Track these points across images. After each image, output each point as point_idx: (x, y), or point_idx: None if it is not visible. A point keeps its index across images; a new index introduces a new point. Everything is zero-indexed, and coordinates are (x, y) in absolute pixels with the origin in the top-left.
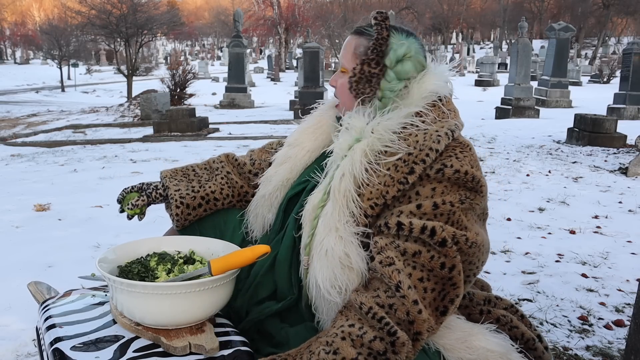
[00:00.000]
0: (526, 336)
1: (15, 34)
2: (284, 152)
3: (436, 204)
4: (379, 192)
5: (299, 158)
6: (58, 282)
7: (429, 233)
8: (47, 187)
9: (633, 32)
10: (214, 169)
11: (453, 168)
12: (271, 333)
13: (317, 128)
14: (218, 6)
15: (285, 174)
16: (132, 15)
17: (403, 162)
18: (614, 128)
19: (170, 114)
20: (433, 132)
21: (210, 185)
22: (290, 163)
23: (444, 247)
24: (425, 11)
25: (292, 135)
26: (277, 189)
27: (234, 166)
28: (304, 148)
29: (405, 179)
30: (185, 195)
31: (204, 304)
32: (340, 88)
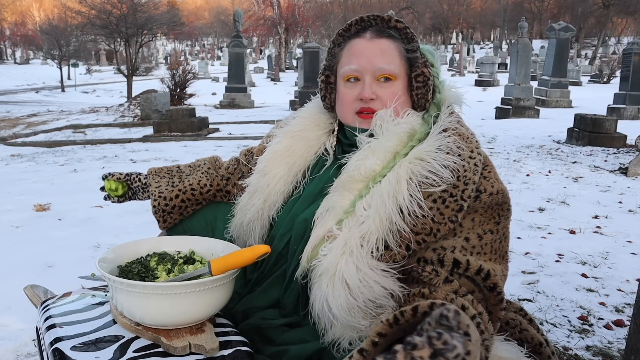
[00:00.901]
0: (535, 340)
1: (15, 34)
2: (255, 180)
3: (480, 236)
4: (429, 228)
5: (272, 186)
6: (58, 282)
7: (484, 276)
8: (47, 187)
9: (633, 32)
10: (196, 166)
11: (487, 192)
12: (271, 337)
13: (290, 152)
14: (218, 6)
15: (258, 205)
16: (132, 15)
17: (451, 197)
18: (614, 128)
19: (170, 114)
20: (468, 159)
21: (189, 179)
22: (263, 193)
23: (492, 292)
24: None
25: (261, 161)
26: (252, 220)
27: (214, 164)
28: (276, 175)
29: (456, 217)
30: (164, 190)
31: (204, 304)
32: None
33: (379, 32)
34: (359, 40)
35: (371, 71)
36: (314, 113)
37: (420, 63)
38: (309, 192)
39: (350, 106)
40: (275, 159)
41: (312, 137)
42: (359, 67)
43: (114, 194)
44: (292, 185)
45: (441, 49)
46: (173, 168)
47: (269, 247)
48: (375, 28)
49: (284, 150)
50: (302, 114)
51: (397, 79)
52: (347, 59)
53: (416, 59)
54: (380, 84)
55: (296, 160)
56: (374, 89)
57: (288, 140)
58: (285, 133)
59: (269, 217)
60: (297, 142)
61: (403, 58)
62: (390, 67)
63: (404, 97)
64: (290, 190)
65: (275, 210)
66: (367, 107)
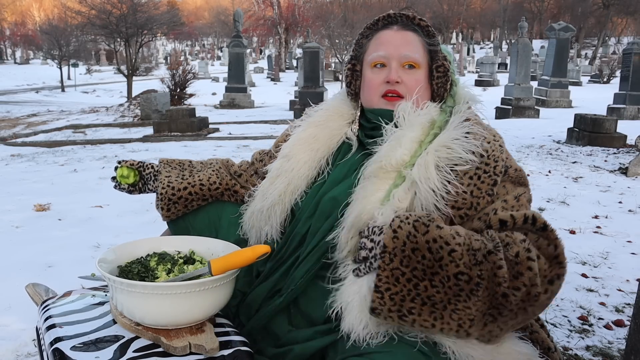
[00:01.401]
0: (545, 343)
1: (15, 34)
2: (278, 164)
3: (516, 197)
4: (470, 202)
5: (296, 170)
6: (58, 282)
7: (531, 221)
8: (47, 187)
9: (633, 32)
10: (207, 164)
11: (513, 168)
12: (277, 334)
13: (315, 140)
14: (218, 6)
15: (281, 188)
16: (132, 15)
17: (485, 173)
18: (614, 128)
19: (170, 114)
20: (493, 141)
21: (200, 175)
22: (287, 177)
23: (545, 230)
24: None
25: (285, 147)
26: (274, 204)
27: (225, 164)
28: (300, 160)
29: (492, 190)
30: (173, 180)
31: (204, 304)
32: (415, 84)
33: (405, 26)
34: (387, 31)
35: (397, 58)
36: (337, 105)
37: (440, 57)
38: (334, 177)
39: (376, 89)
40: (300, 145)
41: (335, 126)
42: (386, 53)
43: (125, 181)
44: (316, 170)
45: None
46: (185, 161)
47: (269, 247)
48: (401, 22)
49: (308, 137)
50: (326, 106)
51: (420, 68)
52: (375, 47)
53: (437, 52)
54: (405, 70)
55: (320, 147)
56: (400, 74)
57: (312, 128)
58: (310, 123)
59: (290, 202)
60: (321, 130)
61: (426, 50)
62: (415, 55)
63: (425, 85)
64: (314, 176)
65: (298, 194)
66: (393, 89)
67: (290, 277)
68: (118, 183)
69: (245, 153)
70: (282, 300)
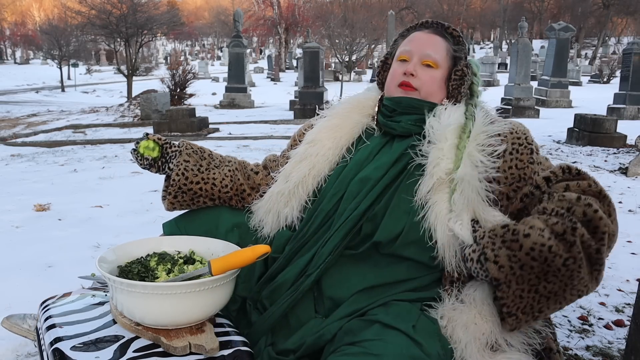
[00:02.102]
0: (547, 345)
1: (15, 34)
2: (302, 149)
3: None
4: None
5: (320, 155)
6: (58, 282)
7: (567, 170)
8: (47, 187)
9: (633, 32)
10: (225, 160)
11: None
12: (302, 320)
13: (339, 128)
14: (218, 6)
15: (305, 171)
16: (132, 15)
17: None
18: (614, 128)
19: (170, 114)
20: (517, 128)
21: (215, 172)
22: (311, 160)
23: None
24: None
25: (310, 133)
26: (296, 184)
27: (243, 169)
28: (325, 146)
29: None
30: (190, 170)
31: (204, 304)
32: (429, 81)
33: (436, 31)
34: (419, 32)
35: (419, 55)
36: (360, 99)
37: (462, 64)
38: (357, 159)
39: (396, 78)
40: (325, 132)
41: (357, 118)
42: (411, 48)
43: (149, 154)
44: (339, 156)
45: None
46: (206, 150)
47: (269, 247)
48: (433, 27)
49: (332, 126)
50: (349, 100)
51: (439, 68)
52: (406, 43)
53: (460, 59)
54: (423, 67)
55: (343, 135)
56: (417, 69)
57: (336, 119)
58: (334, 113)
59: (313, 184)
60: (344, 120)
61: (449, 55)
62: (436, 56)
63: (439, 84)
64: (337, 161)
65: (321, 178)
66: (407, 81)
67: (318, 256)
68: (140, 155)
69: (245, 153)
70: (312, 280)
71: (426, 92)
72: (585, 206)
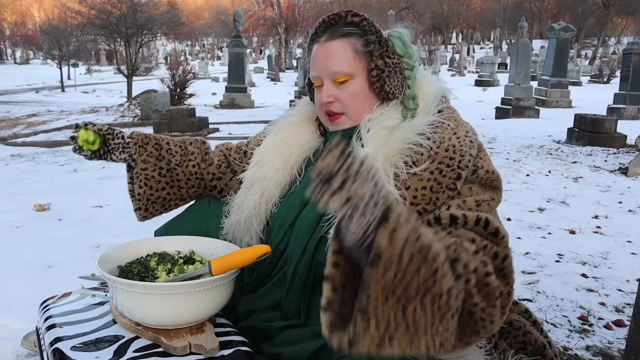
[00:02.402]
0: (538, 342)
1: (15, 34)
2: (251, 173)
3: (477, 201)
4: (428, 197)
5: (268, 179)
6: (58, 282)
7: (484, 224)
8: (47, 187)
9: (633, 32)
10: (188, 153)
11: (484, 169)
12: (270, 335)
13: (287, 146)
14: (218, 6)
15: (255, 199)
16: (132, 15)
17: (447, 167)
18: (614, 128)
19: (170, 114)
20: (463, 136)
21: (178, 172)
22: (260, 186)
23: (497, 237)
24: (425, 11)
25: (257, 153)
26: (249, 216)
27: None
28: (273, 166)
29: (454, 184)
30: (151, 177)
31: (204, 304)
32: (349, 99)
33: (332, 34)
34: (316, 46)
35: (327, 75)
36: (308, 109)
37: (376, 56)
38: (304, 185)
39: (320, 110)
40: (272, 151)
41: (308, 133)
42: (317, 73)
43: (89, 147)
44: (289, 177)
45: (441, 49)
46: (162, 143)
47: (269, 247)
48: (332, 29)
49: (280, 142)
50: (296, 112)
51: (354, 77)
52: (311, 66)
53: (373, 52)
54: (338, 86)
55: (293, 153)
56: (332, 92)
57: (284, 133)
58: (281, 127)
59: (265, 212)
60: (293, 135)
61: (359, 53)
62: (341, 68)
63: (364, 93)
64: (287, 183)
65: (272, 203)
66: (328, 109)
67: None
68: (79, 147)
69: None
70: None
71: (353, 112)
72: (481, 264)
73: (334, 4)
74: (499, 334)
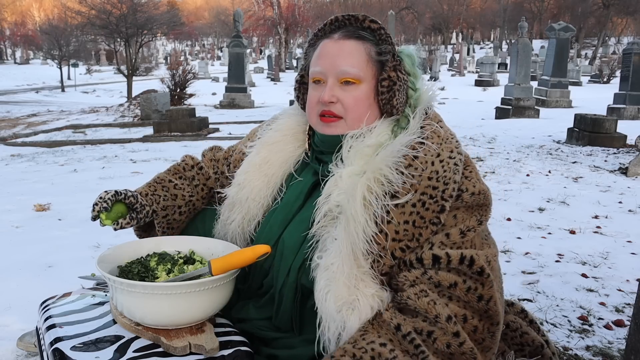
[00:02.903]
0: (536, 342)
1: (15, 34)
2: (234, 192)
3: (462, 231)
4: (411, 233)
5: (250, 199)
6: (58, 282)
7: (468, 263)
8: (47, 187)
9: (633, 32)
10: (189, 178)
11: (469, 192)
12: (264, 338)
13: (269, 165)
14: (218, 6)
15: (238, 219)
16: (132, 15)
17: (431, 199)
18: (614, 128)
19: (170, 114)
20: (447, 159)
21: (194, 201)
22: (242, 207)
23: (482, 276)
24: (425, 11)
25: (239, 174)
26: (234, 235)
27: (203, 175)
28: (255, 187)
29: (438, 218)
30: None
31: (204, 304)
32: (352, 103)
33: (348, 34)
34: (327, 41)
35: (334, 73)
36: (290, 124)
37: (389, 67)
38: (286, 200)
39: (314, 108)
40: (253, 172)
41: (289, 148)
42: (323, 68)
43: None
44: (272, 197)
45: (441, 49)
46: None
47: (269, 247)
48: (346, 29)
49: (261, 162)
50: (278, 126)
51: (362, 83)
52: (315, 60)
53: (386, 62)
54: (343, 87)
55: (275, 172)
56: (336, 92)
57: (265, 152)
58: (262, 144)
59: (249, 232)
60: (275, 154)
61: (372, 61)
62: (353, 70)
63: (368, 101)
64: (270, 203)
65: (255, 223)
66: (327, 110)
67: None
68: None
69: None
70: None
71: (352, 118)
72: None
73: (334, 4)
74: None
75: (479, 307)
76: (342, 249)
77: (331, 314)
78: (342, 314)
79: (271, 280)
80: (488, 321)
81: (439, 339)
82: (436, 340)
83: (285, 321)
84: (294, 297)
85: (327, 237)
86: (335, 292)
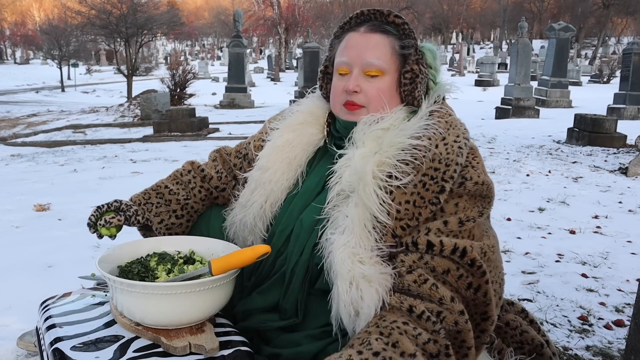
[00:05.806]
0: (535, 341)
1: (15, 34)
2: (256, 175)
3: (461, 221)
4: (411, 213)
5: (273, 182)
6: (58, 282)
7: (460, 254)
8: (47, 187)
9: (633, 32)
10: (185, 182)
11: (472, 180)
12: (268, 337)
13: (291, 147)
14: (218, 6)
15: (261, 201)
16: (132, 15)
17: (431, 179)
18: (614, 128)
19: (170, 114)
20: (452, 143)
21: (191, 204)
22: (265, 190)
23: (473, 267)
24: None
25: (262, 157)
26: (254, 216)
27: (201, 178)
28: (278, 170)
29: (437, 198)
30: (171, 226)
31: (204, 304)
32: (375, 94)
33: (374, 27)
34: (353, 34)
35: (360, 65)
36: (314, 107)
37: (412, 60)
38: (307, 186)
39: (338, 97)
40: (277, 154)
41: (312, 131)
42: (349, 59)
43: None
44: (294, 180)
45: (441, 49)
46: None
47: (269, 247)
48: (372, 23)
49: (285, 144)
50: (302, 108)
51: (386, 75)
52: (341, 51)
53: (409, 56)
54: (367, 78)
55: (297, 154)
56: (360, 82)
57: (289, 134)
58: (286, 127)
59: (271, 213)
60: (298, 136)
61: (396, 54)
62: (378, 62)
63: (389, 93)
64: (292, 186)
65: (278, 206)
66: (351, 99)
67: (287, 299)
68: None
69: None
70: (281, 324)
71: (375, 108)
72: (458, 314)
73: (333, 4)
74: (496, 334)
75: (466, 295)
76: (355, 227)
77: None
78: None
79: (283, 260)
80: (474, 309)
81: (447, 318)
82: (445, 319)
83: (291, 303)
84: (303, 277)
85: (339, 215)
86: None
